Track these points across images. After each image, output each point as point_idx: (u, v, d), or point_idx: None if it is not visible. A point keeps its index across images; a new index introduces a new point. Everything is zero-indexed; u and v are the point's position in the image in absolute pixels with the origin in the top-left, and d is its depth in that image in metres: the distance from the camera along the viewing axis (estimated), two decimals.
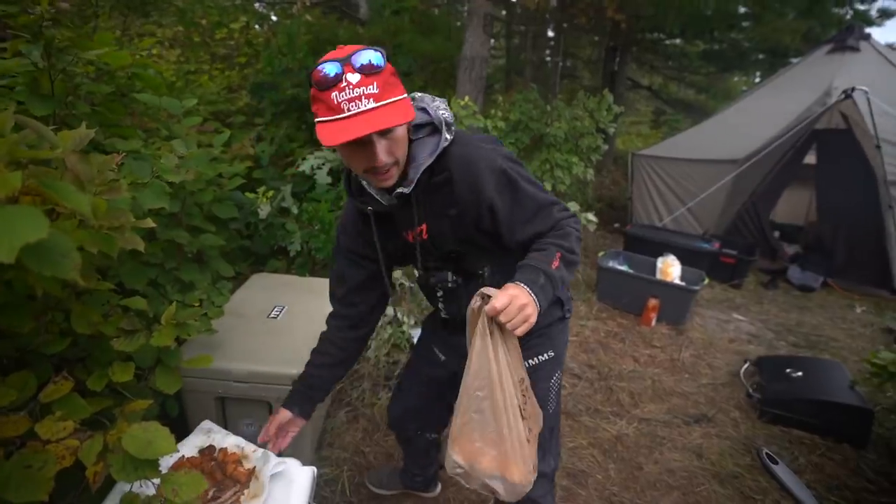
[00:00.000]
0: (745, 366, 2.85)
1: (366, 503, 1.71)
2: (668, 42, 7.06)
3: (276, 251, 2.61)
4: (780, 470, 0.74)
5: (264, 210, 2.13)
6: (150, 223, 0.82)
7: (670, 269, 3.48)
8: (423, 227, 1.04)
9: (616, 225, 5.34)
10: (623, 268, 3.65)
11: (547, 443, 1.25)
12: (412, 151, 0.98)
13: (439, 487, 1.80)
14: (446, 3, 6.76)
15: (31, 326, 0.87)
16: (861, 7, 5.36)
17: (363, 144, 0.85)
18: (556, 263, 0.98)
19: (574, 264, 1.03)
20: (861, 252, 4.44)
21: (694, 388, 2.67)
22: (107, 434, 0.75)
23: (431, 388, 1.42)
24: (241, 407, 1.61)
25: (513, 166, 1.01)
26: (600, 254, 3.81)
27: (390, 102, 0.84)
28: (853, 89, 3.93)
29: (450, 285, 1.13)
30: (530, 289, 0.91)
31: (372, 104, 0.82)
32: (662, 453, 2.13)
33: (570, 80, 9.94)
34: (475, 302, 0.94)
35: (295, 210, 2.40)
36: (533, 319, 0.90)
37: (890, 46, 5.42)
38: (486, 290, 0.92)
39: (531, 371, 1.17)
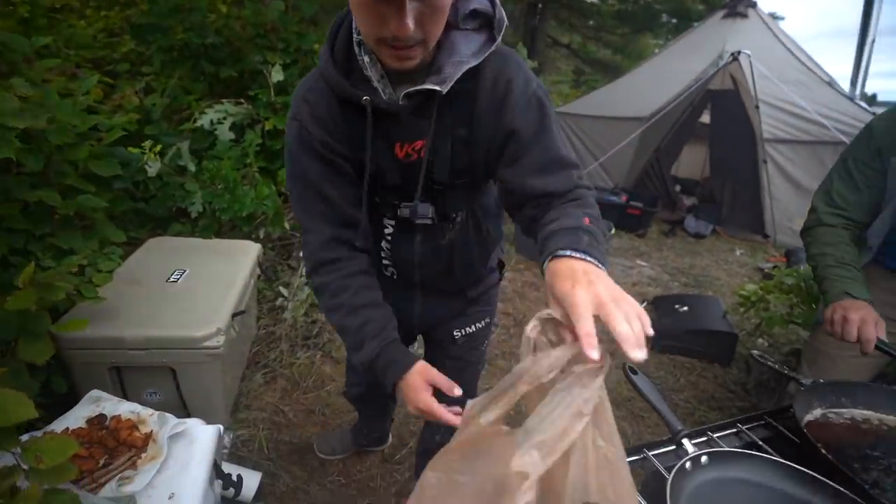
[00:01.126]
0: (644, 305, 3.17)
1: (285, 458, 1.72)
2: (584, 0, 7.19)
3: (177, 214, 2.41)
4: (639, 379, 0.85)
5: (153, 167, 1.94)
6: None
7: None
8: (420, 143, 0.80)
9: None
10: None
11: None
12: (452, 41, 0.74)
13: (390, 440, 1.83)
14: None
15: None
16: None
17: (389, 2, 0.62)
18: (587, 220, 0.72)
19: (599, 219, 0.78)
20: (742, 202, 5.03)
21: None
22: None
23: None
24: (141, 376, 1.52)
25: (549, 103, 0.82)
26: None
27: None
28: (739, 52, 4.29)
29: (429, 222, 0.87)
30: (594, 259, 0.63)
31: None
32: None
33: None
34: (539, 332, 0.58)
35: (193, 168, 2.22)
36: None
37: (771, 15, 5.95)
38: (548, 312, 0.57)
39: (469, 337, 1.13)
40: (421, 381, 0.79)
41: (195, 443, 1.11)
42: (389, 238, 0.95)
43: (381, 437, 1.78)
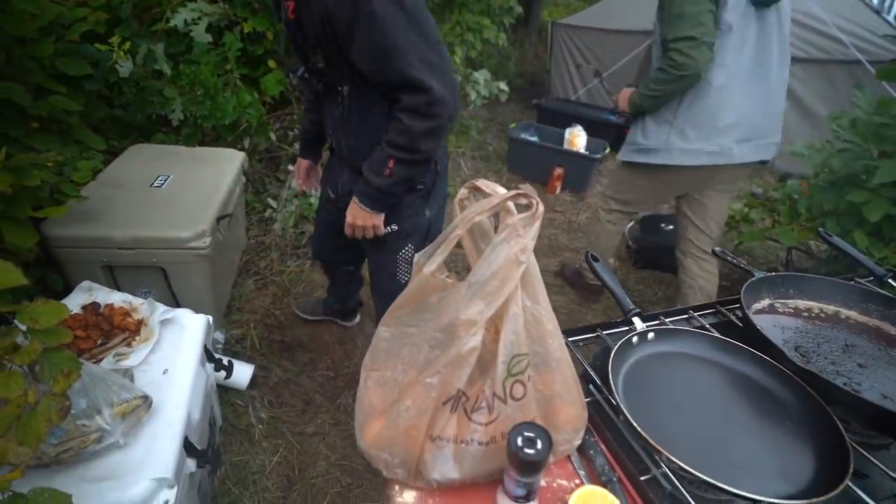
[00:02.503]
0: (630, 224, 3.21)
1: (277, 354, 1.85)
2: None
3: (159, 122, 2.35)
4: (598, 266, 0.89)
5: (125, 67, 1.86)
6: None
7: (576, 139, 3.63)
8: (292, 4, 0.97)
9: (534, 101, 5.34)
10: (533, 139, 3.76)
11: None
12: None
13: (357, 318, 2.03)
14: None
15: None
16: None
17: None
18: (387, 171, 1.02)
19: (418, 163, 1.02)
20: None
21: (584, 244, 3.00)
22: None
23: (331, 227, 1.39)
24: (133, 275, 1.58)
25: (409, 9, 0.92)
26: (511, 125, 3.86)
27: None
28: None
29: (320, 88, 1.09)
30: (363, 204, 1.09)
31: None
32: (551, 297, 2.45)
33: None
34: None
35: (168, 71, 2.12)
36: (374, 231, 1.14)
37: None
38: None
39: (379, 244, 1.23)
40: (301, 166, 1.49)
41: (185, 328, 1.19)
42: (325, 109, 1.18)
43: (345, 311, 1.96)
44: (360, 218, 1.11)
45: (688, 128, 1.59)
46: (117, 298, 1.22)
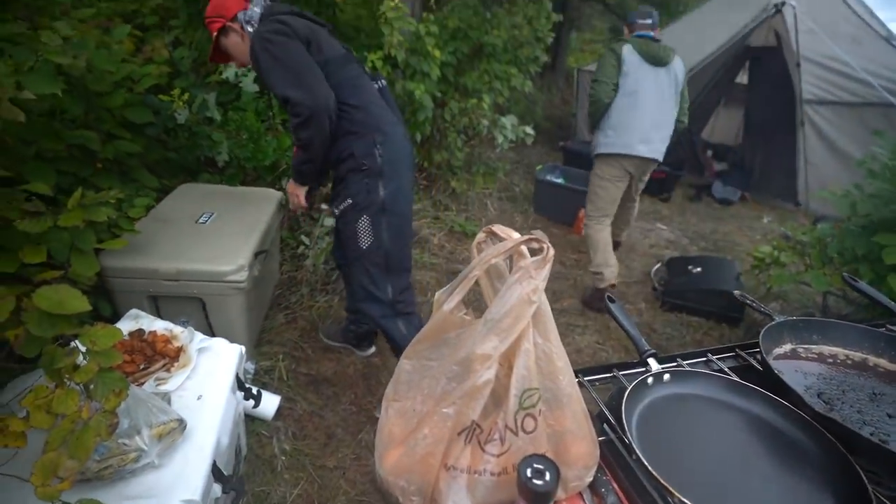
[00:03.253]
0: (657, 266, 3.19)
1: (303, 387, 1.90)
2: None
3: (206, 163, 2.55)
4: (615, 307, 0.92)
5: (182, 114, 2.06)
6: (28, 94, 0.82)
7: None
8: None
9: (561, 143, 5.47)
10: (558, 181, 3.83)
11: (380, 272, 1.60)
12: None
13: (372, 349, 2.10)
14: None
15: None
16: None
17: None
18: (294, 155, 1.54)
19: (304, 147, 1.47)
20: (775, 168, 4.83)
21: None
22: (20, 298, 0.82)
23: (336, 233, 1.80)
24: (174, 305, 1.69)
25: (271, 46, 1.40)
26: (538, 167, 3.95)
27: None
28: (783, 3, 4.02)
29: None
30: (292, 179, 1.64)
31: None
32: (574, 337, 2.44)
33: None
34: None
35: (218, 118, 2.33)
36: (297, 200, 1.67)
37: None
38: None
39: (339, 216, 1.60)
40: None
41: (220, 357, 1.26)
42: None
43: (360, 336, 2.05)
44: (290, 188, 1.67)
45: (609, 131, 2.52)
46: (160, 326, 1.32)
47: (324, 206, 2.77)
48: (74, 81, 1.55)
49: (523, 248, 0.60)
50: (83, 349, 0.83)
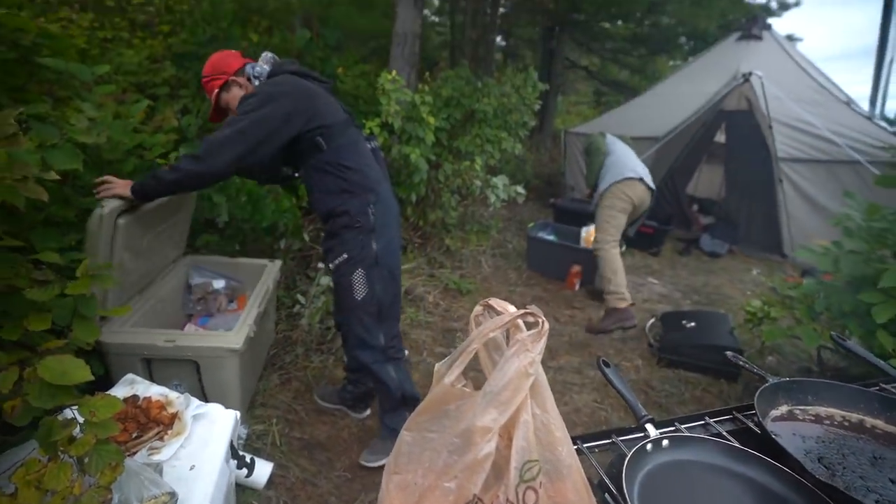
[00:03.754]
0: (651, 321, 3.20)
1: (296, 452, 1.84)
2: (596, 24, 7.37)
3: (205, 224, 2.61)
4: (610, 371, 0.94)
5: None
6: (53, 175, 0.88)
7: (592, 238, 3.78)
8: None
9: (551, 200, 5.66)
10: (550, 238, 3.92)
11: (373, 321, 1.68)
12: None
13: (367, 412, 2.06)
14: None
15: None
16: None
17: None
18: (164, 173, 1.50)
19: (175, 182, 1.50)
20: (759, 221, 5.00)
21: (606, 341, 2.98)
22: (23, 369, 0.83)
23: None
24: (168, 368, 1.67)
25: (247, 110, 1.50)
26: (529, 225, 4.06)
27: None
28: (750, 73, 4.35)
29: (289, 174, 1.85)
30: (135, 186, 1.52)
31: None
32: (572, 396, 2.40)
33: (513, 59, 10.13)
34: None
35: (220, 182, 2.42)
36: (111, 192, 1.51)
37: (789, 37, 5.98)
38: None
39: (335, 270, 1.64)
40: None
41: (215, 424, 1.24)
42: None
43: (356, 397, 2.02)
44: (121, 186, 1.55)
45: (613, 169, 3.10)
46: (155, 392, 1.30)
47: (320, 265, 2.81)
48: (91, 152, 1.63)
49: (520, 321, 0.63)
50: (80, 419, 0.83)
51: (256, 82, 1.64)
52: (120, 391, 1.28)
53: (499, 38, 8.98)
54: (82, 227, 1.46)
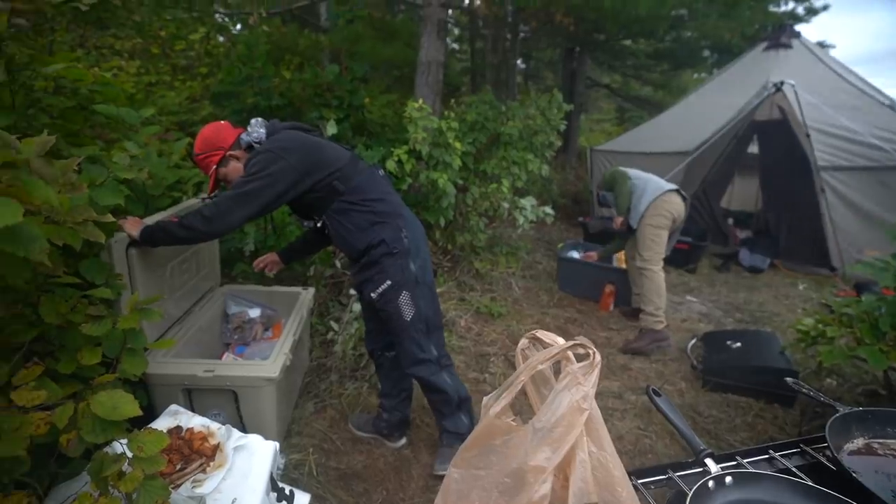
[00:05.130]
0: (692, 341, 3.07)
1: (333, 483, 1.81)
2: (617, 42, 7.38)
3: (238, 253, 2.68)
4: (662, 401, 0.90)
5: None
6: (110, 218, 0.92)
7: (624, 256, 3.68)
8: None
9: (580, 218, 5.59)
10: (581, 257, 3.85)
11: (424, 336, 1.72)
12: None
13: (403, 441, 2.03)
14: (405, 10, 6.91)
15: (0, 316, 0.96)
16: (788, 6, 5.78)
17: None
18: (172, 225, 1.52)
19: (184, 239, 1.54)
20: (802, 234, 4.78)
21: (646, 364, 2.86)
22: (77, 403, 0.85)
23: (369, 322, 1.95)
24: (207, 397, 1.70)
25: (254, 172, 1.52)
26: (559, 245, 4.00)
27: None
28: (782, 83, 4.23)
29: (312, 224, 1.76)
30: (144, 232, 1.50)
31: None
32: (614, 423, 2.30)
33: (534, 81, 10.23)
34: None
35: None
36: (127, 229, 1.49)
37: (820, 44, 5.83)
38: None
39: (378, 298, 1.67)
40: (269, 257, 1.99)
41: (255, 455, 1.24)
42: None
43: (392, 425, 1.99)
44: (131, 225, 1.52)
45: (646, 191, 3.08)
46: (197, 423, 1.31)
47: (352, 292, 2.83)
48: (136, 188, 1.71)
49: (570, 353, 0.61)
50: (129, 454, 0.84)
51: (257, 146, 1.62)
52: (164, 422, 1.30)
53: (519, 62, 9.10)
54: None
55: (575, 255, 3.89)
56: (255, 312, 2.22)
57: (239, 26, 4.79)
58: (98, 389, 0.88)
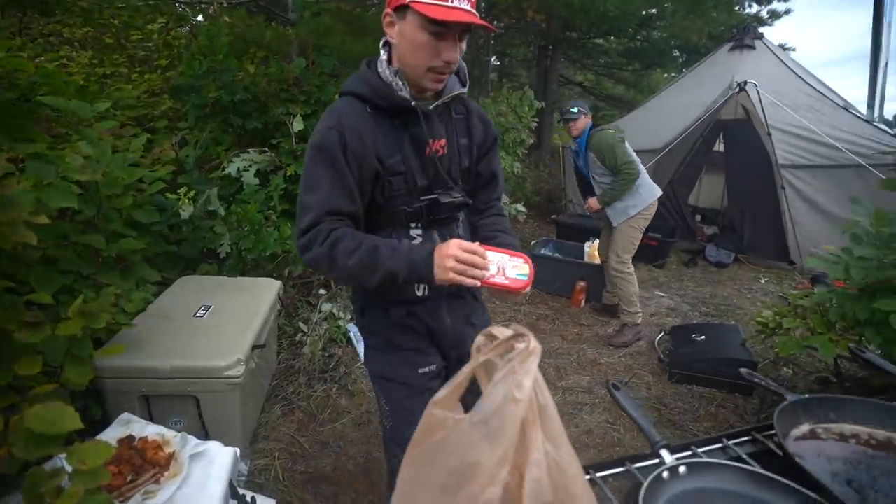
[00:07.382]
0: (660, 335, 3.14)
1: (300, 487, 1.78)
2: (589, 41, 7.48)
3: (206, 255, 2.60)
4: (620, 395, 0.90)
5: (186, 210, 2.14)
6: (44, 219, 0.86)
7: (597, 252, 3.74)
8: (444, 141, 1.08)
9: (553, 216, 5.65)
10: (553, 255, 3.89)
11: None
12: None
13: None
14: (378, 3, 6.83)
15: None
16: (753, 10, 5.98)
17: (445, 39, 0.95)
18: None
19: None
20: (764, 229, 4.95)
21: (615, 358, 2.92)
22: (9, 417, 0.80)
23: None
24: (167, 404, 1.63)
25: None
26: (532, 242, 4.03)
27: (475, 13, 0.96)
28: (745, 83, 4.37)
29: (459, 199, 1.09)
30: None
31: (467, 6, 0.94)
32: (583, 417, 2.33)
33: (509, 79, 10.28)
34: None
35: (222, 212, 2.41)
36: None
37: (781, 46, 6.04)
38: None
39: None
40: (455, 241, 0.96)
41: (213, 463, 1.19)
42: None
43: None
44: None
45: (640, 190, 3.06)
46: (152, 431, 1.26)
47: (321, 292, 2.78)
48: (89, 186, 1.63)
49: (514, 343, 0.59)
50: (69, 468, 0.79)
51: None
52: (115, 432, 1.24)
53: (493, 59, 9.12)
54: (76, 261, 1.44)
55: (548, 252, 3.92)
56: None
57: (200, 17, 4.62)
58: (34, 401, 0.82)
